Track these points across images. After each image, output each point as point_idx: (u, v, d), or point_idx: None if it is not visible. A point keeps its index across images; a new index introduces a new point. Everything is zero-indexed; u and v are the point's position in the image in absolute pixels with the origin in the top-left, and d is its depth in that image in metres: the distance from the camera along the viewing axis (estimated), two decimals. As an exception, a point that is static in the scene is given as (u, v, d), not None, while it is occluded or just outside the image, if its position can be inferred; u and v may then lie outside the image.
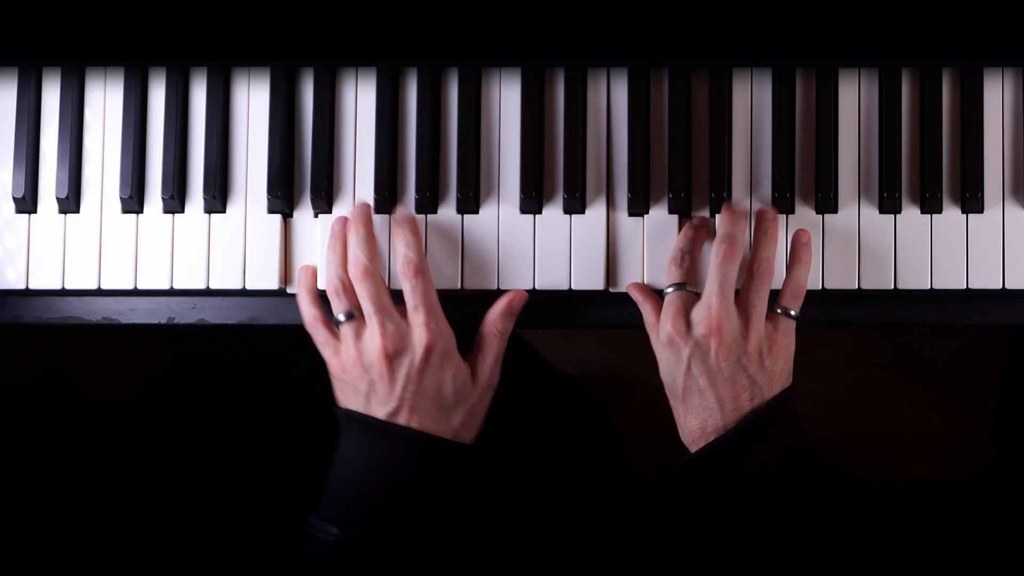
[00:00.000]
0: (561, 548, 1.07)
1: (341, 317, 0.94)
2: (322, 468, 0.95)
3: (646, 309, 0.95)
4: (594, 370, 1.70)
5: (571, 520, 1.11)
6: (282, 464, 1.18)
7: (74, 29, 0.98)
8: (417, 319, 0.92)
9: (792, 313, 0.93)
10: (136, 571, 1.30)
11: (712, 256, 0.92)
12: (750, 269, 0.93)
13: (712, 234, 0.97)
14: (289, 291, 0.99)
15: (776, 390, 0.91)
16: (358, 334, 0.93)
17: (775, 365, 0.91)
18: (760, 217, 0.96)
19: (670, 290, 0.93)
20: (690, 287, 0.93)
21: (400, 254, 0.94)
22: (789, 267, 0.95)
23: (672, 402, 0.94)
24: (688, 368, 0.90)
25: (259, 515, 0.97)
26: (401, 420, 0.92)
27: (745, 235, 0.95)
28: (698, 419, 0.91)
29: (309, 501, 1.00)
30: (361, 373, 0.92)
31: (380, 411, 0.92)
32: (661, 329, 0.92)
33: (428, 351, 0.91)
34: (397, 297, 0.94)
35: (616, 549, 1.09)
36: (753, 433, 0.90)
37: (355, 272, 0.93)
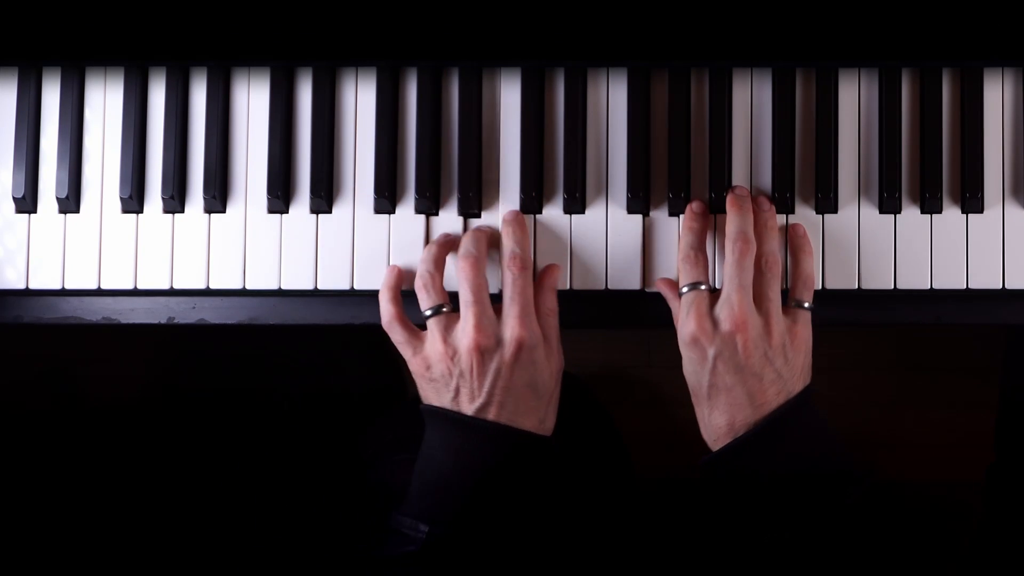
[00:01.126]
0: (561, 548, 1.07)
1: (428, 312, 0.93)
2: (324, 470, 0.95)
3: (675, 306, 0.95)
4: (594, 370, 1.70)
5: (570, 520, 1.11)
6: (281, 463, 1.19)
7: (74, 29, 0.98)
8: (514, 312, 0.92)
9: (806, 305, 0.94)
10: (136, 570, 1.30)
11: (728, 253, 0.92)
12: (757, 265, 0.93)
13: (712, 224, 0.97)
14: (284, 288, 0.99)
15: (799, 385, 0.92)
16: (447, 328, 0.93)
17: (797, 358, 0.92)
18: (757, 209, 0.96)
19: (685, 290, 0.93)
20: (705, 285, 0.93)
21: (507, 249, 0.95)
22: (793, 261, 0.95)
23: (695, 400, 0.94)
24: (714, 366, 0.91)
25: (258, 515, 0.97)
26: (490, 415, 0.92)
27: (754, 228, 0.95)
28: (725, 416, 0.91)
29: (310, 499, 1.00)
30: (449, 367, 0.92)
31: (469, 407, 0.92)
32: (684, 329, 0.92)
33: (520, 345, 0.91)
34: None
35: (616, 549, 1.09)
36: (782, 427, 0.90)
37: (463, 260, 0.93)
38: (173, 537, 1.29)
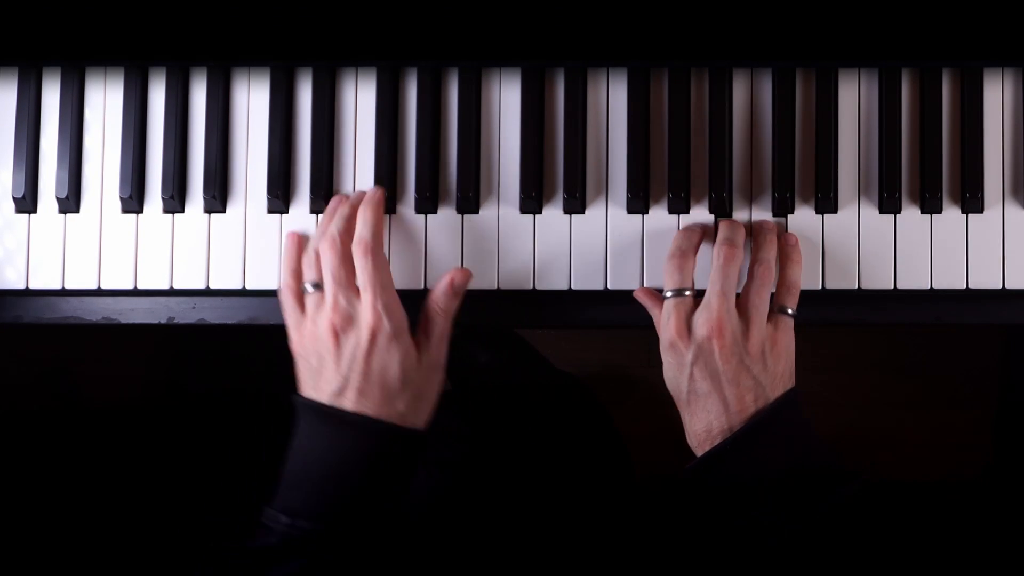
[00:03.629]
0: (561, 548, 1.07)
1: (309, 287, 0.94)
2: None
3: (655, 313, 0.95)
4: (594, 370, 1.70)
5: (571, 520, 1.11)
6: (281, 463, 1.19)
7: (74, 29, 0.98)
8: (366, 298, 0.91)
9: (789, 311, 0.93)
10: (135, 569, 1.30)
11: (714, 258, 0.92)
12: (751, 271, 0.93)
13: (709, 238, 0.97)
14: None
15: (779, 390, 0.91)
16: (318, 307, 0.93)
17: (777, 365, 0.92)
18: (760, 224, 0.96)
19: (669, 294, 0.93)
20: (689, 291, 0.93)
21: (356, 231, 0.94)
22: (782, 267, 0.95)
23: (678, 406, 0.93)
24: (691, 372, 0.91)
25: (258, 514, 0.98)
26: (348, 401, 0.91)
27: (745, 241, 0.95)
28: (703, 422, 0.91)
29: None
30: (314, 346, 0.92)
31: (327, 388, 0.91)
32: (663, 333, 0.92)
33: (374, 332, 0.91)
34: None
35: (616, 549, 1.09)
36: (759, 434, 0.90)
37: (323, 241, 0.93)
38: (173, 537, 1.29)
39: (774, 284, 0.94)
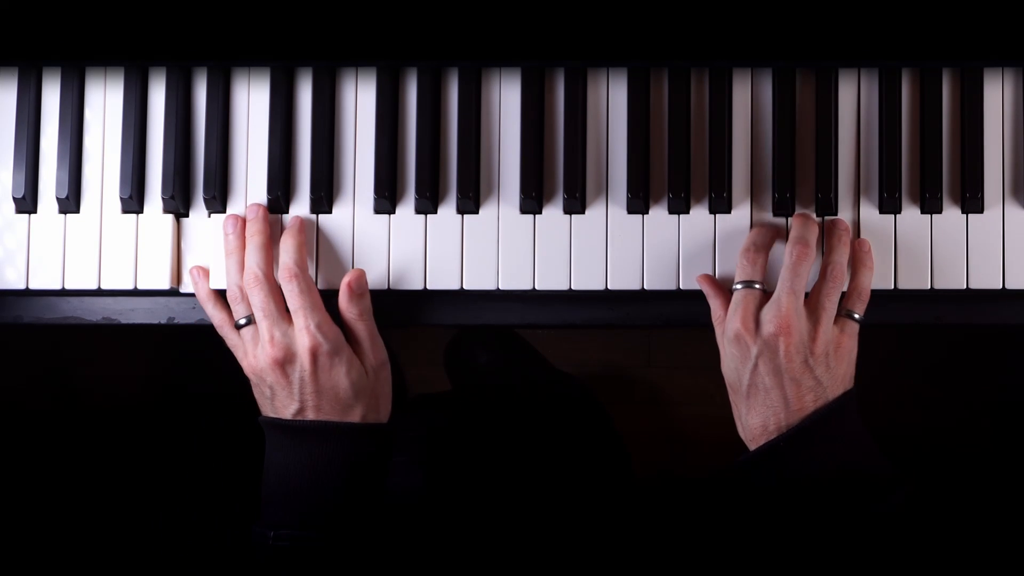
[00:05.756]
0: (560, 547, 1.07)
1: (242, 322, 0.96)
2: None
3: (715, 304, 0.95)
4: (594, 370, 1.70)
5: (570, 519, 1.11)
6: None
7: (74, 29, 0.98)
8: (299, 322, 0.94)
9: (856, 316, 0.94)
10: (135, 570, 1.30)
11: (786, 256, 0.93)
12: (823, 272, 0.94)
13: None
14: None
15: (838, 392, 0.92)
16: (255, 340, 0.95)
17: (839, 367, 0.92)
18: (833, 225, 0.96)
19: (739, 286, 0.94)
20: (759, 285, 0.93)
21: (280, 259, 0.96)
22: (853, 272, 0.95)
23: (733, 398, 0.94)
24: (755, 366, 0.91)
25: (257, 514, 0.98)
26: (308, 417, 0.94)
27: (817, 240, 0.95)
28: (760, 417, 0.91)
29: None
30: (262, 377, 0.95)
31: (286, 412, 0.94)
32: (729, 325, 0.93)
33: (314, 354, 0.93)
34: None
35: (615, 549, 1.09)
36: (814, 433, 0.90)
37: (248, 279, 0.95)
38: (172, 537, 1.29)
39: (844, 287, 0.94)
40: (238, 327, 0.96)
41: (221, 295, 0.98)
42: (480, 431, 1.18)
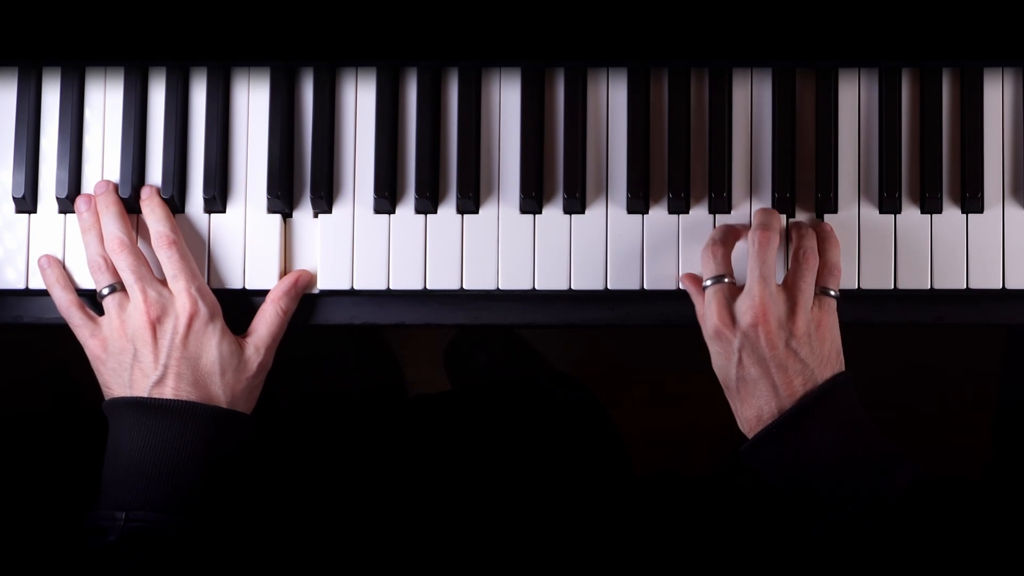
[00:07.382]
0: (560, 548, 1.07)
1: (105, 291, 0.96)
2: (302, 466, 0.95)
3: (699, 302, 0.95)
4: (594, 370, 1.70)
5: (570, 520, 1.11)
6: (280, 463, 1.18)
7: (74, 29, 0.98)
8: (178, 286, 0.94)
9: (832, 292, 0.94)
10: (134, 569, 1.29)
11: (749, 244, 0.93)
12: (794, 257, 0.94)
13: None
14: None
15: (828, 373, 0.92)
16: (122, 306, 0.95)
17: (823, 346, 0.92)
18: (793, 222, 0.97)
19: (709, 283, 0.93)
20: (728, 278, 0.93)
21: (152, 230, 0.97)
22: (821, 250, 0.95)
23: (727, 394, 0.94)
24: (739, 359, 0.91)
25: (257, 514, 0.98)
26: (168, 389, 0.93)
27: (780, 226, 0.95)
28: (754, 408, 0.91)
29: (309, 499, 1.00)
30: (125, 344, 0.94)
31: (145, 382, 0.93)
32: (707, 323, 0.93)
33: (191, 316, 0.94)
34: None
35: (615, 549, 1.09)
36: (808, 415, 0.90)
37: (112, 246, 0.96)
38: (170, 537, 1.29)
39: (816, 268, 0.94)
40: (101, 297, 0.96)
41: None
42: (480, 431, 1.18)
